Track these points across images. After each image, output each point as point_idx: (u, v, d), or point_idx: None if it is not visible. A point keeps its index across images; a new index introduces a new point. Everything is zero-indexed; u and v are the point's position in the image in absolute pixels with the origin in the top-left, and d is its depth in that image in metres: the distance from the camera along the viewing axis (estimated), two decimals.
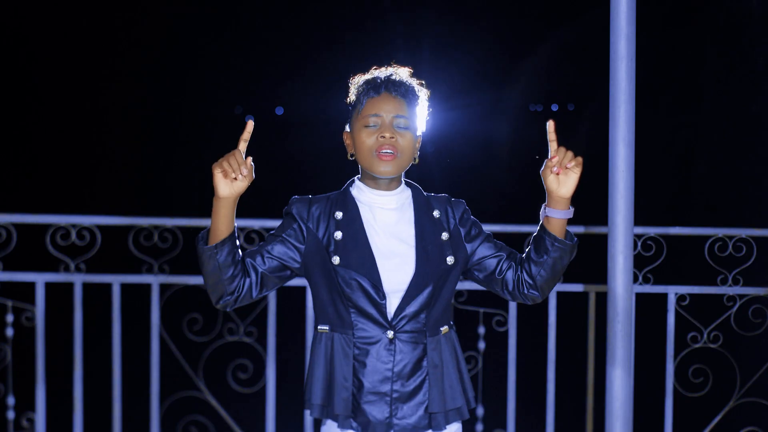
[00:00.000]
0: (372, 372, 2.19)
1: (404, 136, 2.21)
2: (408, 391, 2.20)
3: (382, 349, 2.19)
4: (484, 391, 3.77)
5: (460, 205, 2.33)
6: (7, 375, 3.70)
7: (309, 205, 2.25)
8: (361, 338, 2.20)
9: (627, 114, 3.00)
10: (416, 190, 2.32)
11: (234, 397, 3.78)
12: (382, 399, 2.19)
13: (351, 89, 2.30)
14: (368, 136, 2.21)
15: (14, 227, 3.61)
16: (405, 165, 2.24)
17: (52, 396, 3.73)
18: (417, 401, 2.21)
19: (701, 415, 3.84)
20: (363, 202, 2.26)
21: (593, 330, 3.74)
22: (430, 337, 2.22)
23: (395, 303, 2.20)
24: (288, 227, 2.24)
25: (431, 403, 2.21)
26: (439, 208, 2.29)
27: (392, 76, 2.26)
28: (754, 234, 3.70)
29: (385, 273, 2.19)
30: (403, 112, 2.22)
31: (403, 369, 2.20)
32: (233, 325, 3.70)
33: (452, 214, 2.30)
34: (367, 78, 2.28)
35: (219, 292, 2.17)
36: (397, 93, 2.23)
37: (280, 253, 2.22)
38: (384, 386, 2.19)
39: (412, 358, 2.20)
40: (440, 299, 2.24)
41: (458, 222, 2.30)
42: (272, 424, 3.75)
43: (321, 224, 2.23)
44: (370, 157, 2.21)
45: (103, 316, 3.74)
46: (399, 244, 2.22)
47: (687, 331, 3.73)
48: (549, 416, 3.77)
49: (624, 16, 2.98)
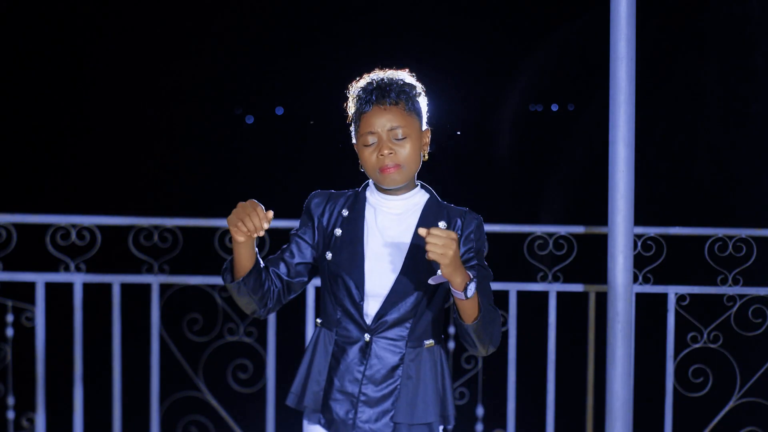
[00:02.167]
0: (344, 371, 2.20)
1: (404, 146, 2.18)
2: (377, 396, 2.19)
3: (358, 351, 2.20)
4: (484, 391, 3.77)
5: (472, 222, 2.24)
6: (7, 375, 3.70)
7: (326, 200, 2.28)
8: (342, 337, 2.22)
9: (627, 114, 3.01)
10: (432, 197, 2.28)
11: (234, 397, 3.78)
12: (348, 399, 2.20)
13: (349, 101, 2.27)
14: (369, 156, 2.19)
15: (14, 227, 3.61)
16: (412, 172, 2.22)
17: (52, 396, 3.73)
18: (383, 408, 2.20)
19: (701, 415, 3.84)
20: (371, 204, 2.27)
21: (593, 330, 3.73)
22: (410, 348, 2.20)
23: (375, 307, 2.19)
24: (303, 225, 2.29)
25: (397, 412, 2.19)
26: (449, 219, 2.24)
27: (382, 82, 2.21)
28: (754, 234, 3.70)
29: (370, 275, 2.18)
30: (397, 122, 2.17)
31: (375, 374, 2.19)
32: (233, 325, 3.70)
33: (459, 228, 2.24)
34: (359, 87, 2.24)
35: (251, 309, 2.23)
36: (387, 102, 2.17)
37: (298, 258, 2.27)
38: (352, 387, 2.20)
39: (386, 364, 2.19)
40: (427, 311, 2.21)
41: (462, 239, 2.23)
42: (272, 424, 3.75)
43: (331, 220, 2.26)
44: (374, 174, 2.21)
45: (103, 316, 3.74)
46: (391, 249, 2.21)
47: (687, 331, 3.73)
48: (549, 416, 3.77)
49: (624, 16, 2.98)
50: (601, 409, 3.19)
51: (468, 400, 3.72)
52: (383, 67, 2.31)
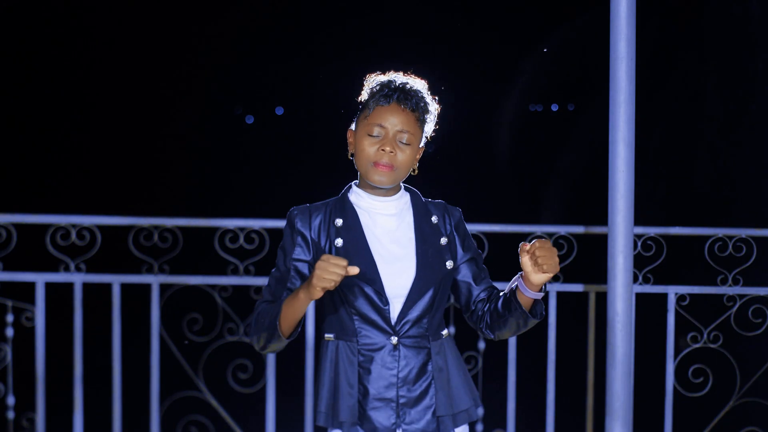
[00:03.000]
0: (377, 378, 2.19)
1: (405, 152, 2.20)
2: (415, 396, 2.20)
3: (387, 355, 2.19)
4: (484, 391, 3.77)
5: (456, 213, 2.33)
6: (7, 375, 3.70)
7: (309, 215, 2.24)
8: (365, 345, 2.20)
9: (627, 114, 3.00)
10: (415, 195, 2.31)
11: (234, 397, 3.78)
12: (388, 405, 2.19)
13: (364, 87, 2.27)
14: (370, 145, 2.19)
15: (14, 227, 3.61)
16: (401, 178, 2.24)
17: (52, 396, 3.73)
18: (424, 405, 2.20)
19: (701, 415, 3.84)
20: (362, 208, 2.25)
21: (593, 330, 3.74)
22: (434, 342, 2.23)
23: (398, 308, 2.20)
24: (296, 245, 2.22)
25: (439, 406, 2.20)
26: (437, 213, 2.29)
27: (406, 85, 2.23)
28: (754, 234, 3.70)
29: (387, 278, 2.18)
30: (408, 127, 2.19)
31: (409, 374, 2.20)
32: (233, 325, 3.70)
33: (449, 221, 2.29)
34: (382, 81, 2.24)
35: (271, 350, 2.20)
36: (407, 105, 2.19)
37: (301, 281, 2.21)
38: (389, 392, 2.19)
39: (416, 363, 2.20)
40: (441, 303, 2.24)
41: (454, 229, 2.30)
42: (272, 424, 3.75)
43: (322, 233, 2.23)
44: (367, 165, 2.20)
45: (103, 316, 3.74)
46: (400, 248, 2.22)
47: (687, 331, 3.73)
48: (549, 416, 3.77)
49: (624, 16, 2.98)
50: (601, 409, 3.19)
51: None
52: (383, 68, 2.31)
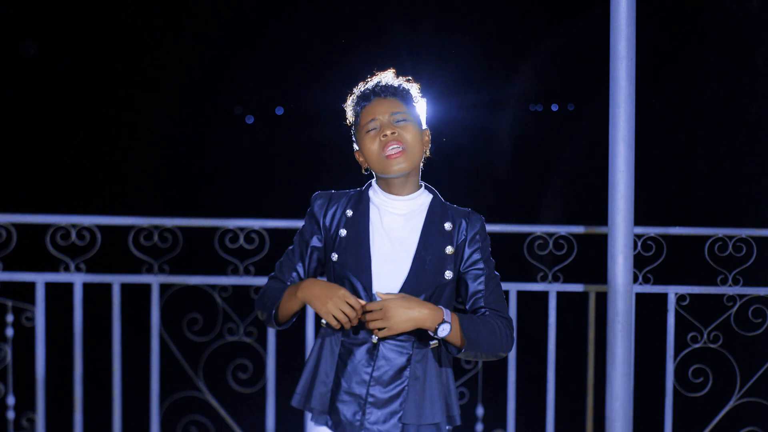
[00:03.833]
0: (351, 373, 2.20)
1: (406, 129, 2.21)
2: (385, 398, 2.20)
3: (365, 353, 2.20)
4: (484, 391, 3.77)
5: (477, 223, 2.27)
6: (7, 375, 3.70)
7: (328, 202, 2.28)
8: (349, 338, 2.22)
9: (627, 114, 3.00)
10: (436, 198, 2.29)
11: (234, 397, 3.78)
12: (356, 401, 2.20)
13: (347, 110, 2.32)
14: (372, 141, 2.21)
15: (14, 227, 3.61)
16: (417, 158, 2.23)
17: (52, 396, 3.73)
18: (391, 409, 2.20)
19: (701, 415, 3.83)
20: (375, 204, 2.27)
21: (593, 330, 3.74)
22: (417, 349, 2.21)
23: None
24: (310, 229, 2.30)
25: (405, 413, 2.19)
26: (454, 221, 2.26)
27: (379, 82, 2.28)
28: (754, 234, 3.70)
29: (378, 276, 2.19)
30: (397, 108, 2.22)
31: (383, 375, 2.20)
32: (233, 325, 3.70)
33: (465, 230, 2.26)
34: (356, 93, 2.30)
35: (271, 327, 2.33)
36: (386, 94, 2.25)
37: (309, 263, 2.31)
38: (359, 389, 2.20)
39: (393, 366, 2.20)
40: None
41: (469, 239, 2.26)
42: (272, 424, 3.75)
43: (334, 221, 2.26)
44: (380, 161, 2.20)
45: (103, 316, 3.74)
46: (398, 250, 2.21)
47: (687, 331, 3.73)
48: (549, 416, 3.77)
49: (624, 16, 2.98)
50: (601, 409, 3.19)
51: (468, 400, 3.72)
52: (384, 68, 2.33)
